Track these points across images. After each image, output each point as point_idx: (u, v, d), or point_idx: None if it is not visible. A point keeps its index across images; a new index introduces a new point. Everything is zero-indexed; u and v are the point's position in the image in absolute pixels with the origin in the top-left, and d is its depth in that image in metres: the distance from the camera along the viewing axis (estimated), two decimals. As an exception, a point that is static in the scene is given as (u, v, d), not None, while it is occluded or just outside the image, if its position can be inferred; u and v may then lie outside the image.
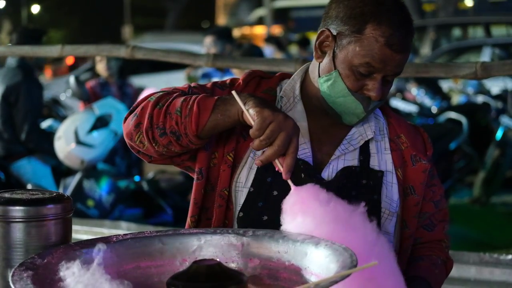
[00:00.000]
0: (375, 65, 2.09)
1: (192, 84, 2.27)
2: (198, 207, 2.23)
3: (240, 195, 2.20)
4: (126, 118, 2.15)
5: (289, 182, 1.93)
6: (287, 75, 2.37)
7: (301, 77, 2.30)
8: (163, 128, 2.04)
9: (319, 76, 2.21)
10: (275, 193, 2.17)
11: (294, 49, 14.65)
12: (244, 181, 2.21)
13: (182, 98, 2.05)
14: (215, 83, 2.29)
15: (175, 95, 2.09)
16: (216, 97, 2.02)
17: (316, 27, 2.25)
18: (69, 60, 20.42)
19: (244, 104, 1.95)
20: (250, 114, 1.92)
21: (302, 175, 2.17)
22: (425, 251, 2.37)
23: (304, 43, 12.25)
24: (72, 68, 20.03)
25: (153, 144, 2.08)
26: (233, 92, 1.96)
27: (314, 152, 2.23)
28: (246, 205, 2.20)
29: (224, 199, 2.21)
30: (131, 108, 2.16)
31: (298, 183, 2.07)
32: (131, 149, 2.19)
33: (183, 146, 2.08)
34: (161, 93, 2.11)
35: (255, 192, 2.19)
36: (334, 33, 2.15)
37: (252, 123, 1.92)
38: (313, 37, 8.52)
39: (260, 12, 25.83)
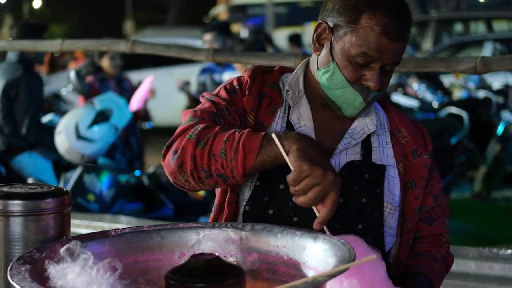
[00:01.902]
0: (372, 55, 2.09)
1: (206, 95, 2.25)
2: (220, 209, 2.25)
3: (246, 190, 2.21)
4: (164, 155, 2.10)
5: (326, 230, 1.90)
6: (286, 69, 2.38)
7: (303, 71, 2.31)
8: (209, 170, 2.00)
9: (318, 69, 2.21)
10: (281, 187, 2.18)
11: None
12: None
13: (224, 136, 1.99)
14: (226, 90, 2.26)
15: (216, 130, 2.03)
16: (261, 136, 1.97)
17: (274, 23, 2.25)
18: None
19: (289, 148, 1.91)
20: (290, 161, 1.90)
21: None
22: (425, 246, 2.37)
23: (295, 39, 12.15)
24: (51, 64, 19.92)
25: (200, 184, 2.05)
26: (274, 137, 1.92)
27: None
28: (252, 199, 2.20)
29: (236, 195, 2.22)
30: (167, 143, 2.10)
31: None
32: (175, 185, 2.15)
33: (230, 185, 2.07)
34: (199, 129, 2.04)
35: (261, 186, 2.19)
36: (331, 25, 2.16)
37: (292, 168, 1.90)
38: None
39: (219, 9, 25.73)
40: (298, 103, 2.26)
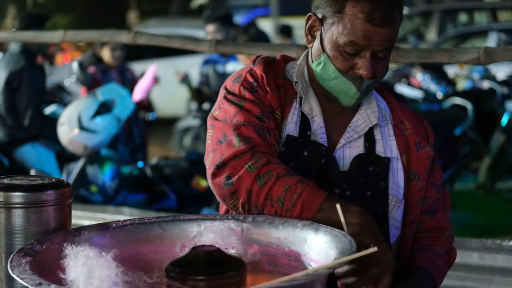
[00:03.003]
0: (359, 43, 2.07)
1: (231, 98, 2.20)
2: None
3: None
4: (214, 175, 2.08)
5: None
6: (288, 58, 2.37)
7: (306, 63, 2.31)
8: (262, 209, 2.00)
9: (312, 61, 2.21)
10: None
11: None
12: None
13: (286, 183, 1.97)
14: (247, 89, 2.22)
15: (279, 170, 2.01)
16: (323, 198, 1.95)
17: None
18: None
19: (350, 220, 1.89)
20: (350, 234, 1.84)
21: (322, 161, 2.17)
22: (428, 240, 2.34)
23: (286, 31, 11.98)
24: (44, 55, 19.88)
25: (246, 213, 2.04)
26: (338, 208, 1.87)
27: (327, 138, 2.23)
28: None
29: None
30: (218, 163, 2.07)
31: (318, 168, 2.12)
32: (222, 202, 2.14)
33: None
34: (260, 162, 2.02)
35: None
36: (320, 16, 2.16)
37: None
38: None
39: (200, 0, 25.55)
40: (307, 94, 2.26)
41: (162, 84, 8.69)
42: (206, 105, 8.24)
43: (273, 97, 2.21)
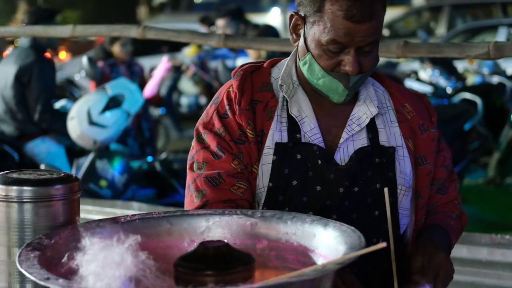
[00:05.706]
0: (341, 41, 2.06)
1: (202, 129, 2.24)
2: None
3: (262, 195, 2.20)
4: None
5: None
6: (275, 61, 2.34)
7: (294, 62, 2.29)
8: None
9: (300, 60, 2.20)
10: (294, 183, 2.17)
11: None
12: (261, 181, 2.19)
13: None
14: (219, 114, 2.23)
15: None
16: None
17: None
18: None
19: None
20: None
21: (319, 162, 2.16)
22: (439, 208, 2.38)
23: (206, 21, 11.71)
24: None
25: None
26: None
27: (324, 136, 2.21)
28: (267, 201, 2.19)
29: (254, 202, 2.22)
30: None
31: (315, 169, 2.07)
32: None
33: None
34: None
35: (274, 187, 2.18)
36: (302, 15, 2.14)
37: None
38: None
39: None
40: (295, 95, 2.23)
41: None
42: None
43: (241, 116, 2.19)
